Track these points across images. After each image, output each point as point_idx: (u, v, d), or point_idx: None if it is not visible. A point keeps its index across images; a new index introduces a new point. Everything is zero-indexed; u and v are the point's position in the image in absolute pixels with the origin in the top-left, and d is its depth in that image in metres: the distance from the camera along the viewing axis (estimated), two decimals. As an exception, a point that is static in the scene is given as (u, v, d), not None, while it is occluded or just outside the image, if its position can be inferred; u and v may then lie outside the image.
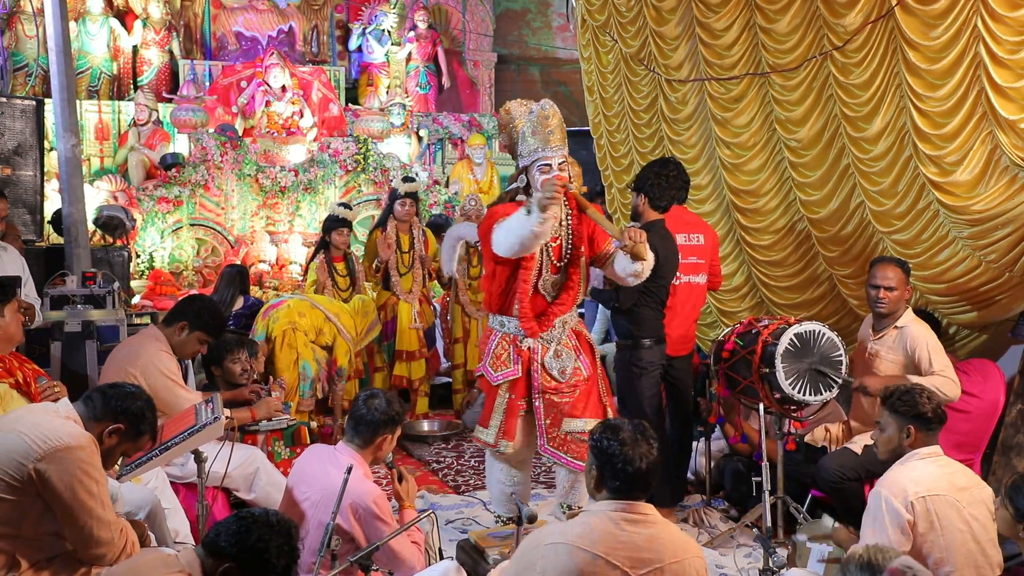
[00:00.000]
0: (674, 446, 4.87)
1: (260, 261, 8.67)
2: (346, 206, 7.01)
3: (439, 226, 7.51)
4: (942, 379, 4.12)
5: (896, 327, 4.35)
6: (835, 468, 4.23)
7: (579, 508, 3.81)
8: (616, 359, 4.75)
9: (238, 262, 7.93)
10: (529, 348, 4.03)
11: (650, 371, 4.57)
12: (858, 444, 4.34)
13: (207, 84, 9.74)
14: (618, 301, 4.59)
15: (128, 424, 2.79)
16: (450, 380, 7.26)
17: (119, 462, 3.01)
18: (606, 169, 7.16)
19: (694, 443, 5.38)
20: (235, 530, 2.36)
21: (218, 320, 4.43)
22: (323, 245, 6.68)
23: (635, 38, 6.33)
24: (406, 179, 7.11)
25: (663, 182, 4.65)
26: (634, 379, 4.58)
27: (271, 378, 5.28)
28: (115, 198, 8.36)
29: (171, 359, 4.19)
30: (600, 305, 6.16)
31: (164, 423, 3.34)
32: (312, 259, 6.75)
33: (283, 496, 3.48)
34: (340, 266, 6.66)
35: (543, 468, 5.78)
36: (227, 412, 3.54)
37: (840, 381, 4.15)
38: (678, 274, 4.73)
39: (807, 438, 4.57)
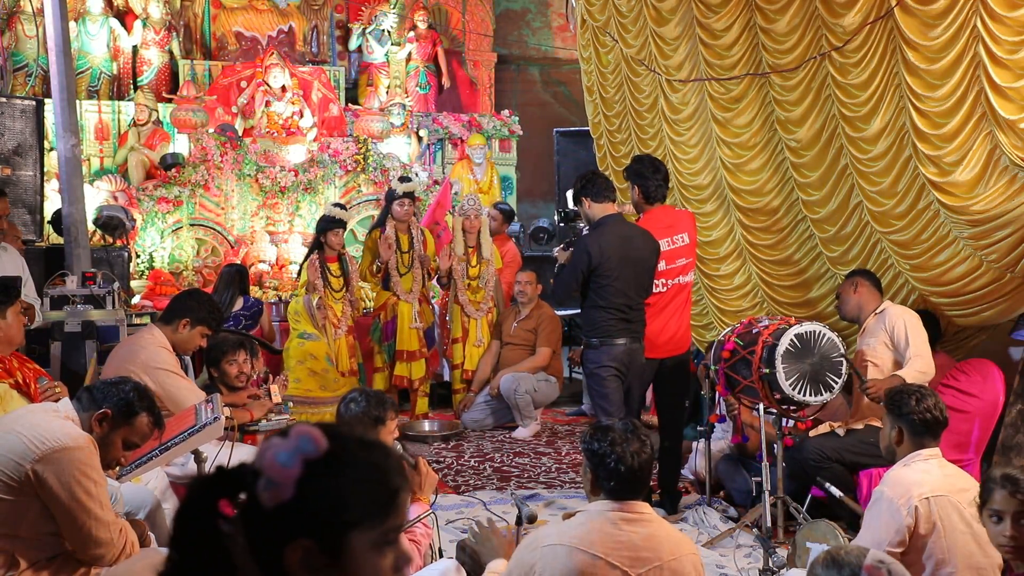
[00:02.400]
0: (664, 452, 4.87)
1: (260, 261, 8.67)
2: (340, 206, 7.01)
3: (507, 212, 7.85)
4: (917, 360, 4.27)
5: (875, 313, 4.54)
6: (815, 448, 4.36)
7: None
8: None
9: (238, 262, 7.93)
10: None
11: (596, 372, 4.55)
12: (842, 429, 4.44)
13: (207, 84, 9.74)
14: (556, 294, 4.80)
15: (115, 408, 2.74)
16: (449, 380, 7.28)
17: (123, 459, 2.98)
18: (606, 169, 7.16)
19: (694, 443, 5.39)
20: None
21: (217, 312, 4.44)
22: (317, 245, 6.68)
23: (636, 38, 6.33)
24: (402, 179, 7.11)
25: (600, 180, 4.67)
26: (586, 379, 4.63)
27: (271, 376, 5.28)
28: (115, 198, 8.35)
29: (171, 356, 4.18)
30: None
31: (165, 422, 3.33)
32: (306, 259, 6.76)
33: None
34: (334, 266, 6.66)
35: (543, 468, 5.78)
36: (227, 412, 3.54)
37: (840, 381, 4.16)
38: (665, 280, 4.72)
39: (810, 435, 4.58)
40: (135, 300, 7.53)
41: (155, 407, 2.87)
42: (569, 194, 5.03)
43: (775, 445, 4.32)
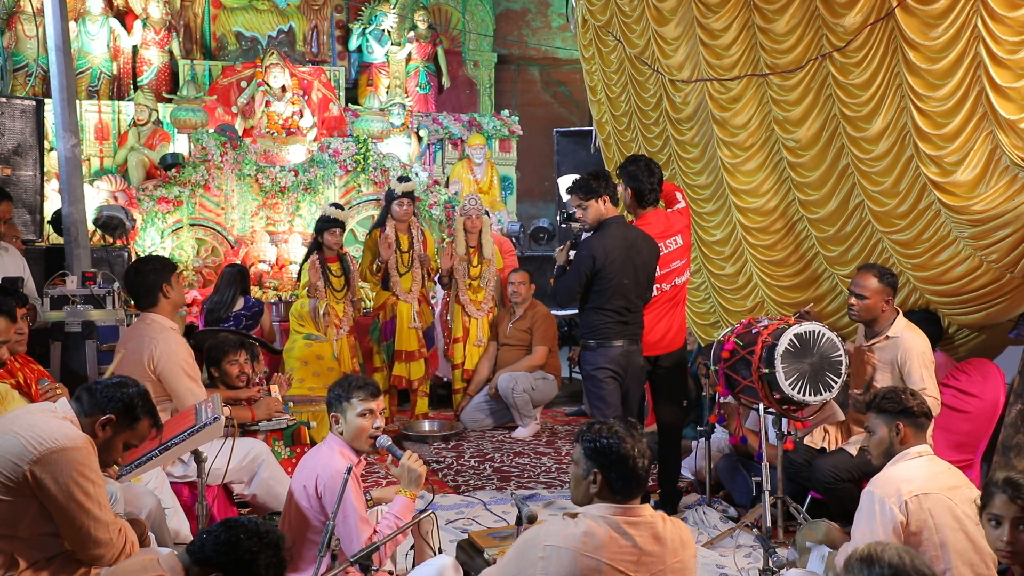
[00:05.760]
0: (661, 452, 4.86)
1: (260, 261, 8.68)
2: (337, 206, 7.02)
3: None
4: (931, 400, 4.12)
5: (888, 336, 4.30)
6: (829, 469, 4.25)
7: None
8: None
9: (238, 262, 7.93)
10: None
11: (593, 374, 4.55)
12: (854, 445, 4.34)
13: (207, 84, 9.74)
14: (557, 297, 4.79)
15: (118, 413, 2.74)
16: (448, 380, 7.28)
17: (121, 459, 2.98)
18: (614, 169, 7.15)
19: (693, 443, 5.38)
20: (224, 539, 2.33)
21: (162, 258, 4.50)
22: (316, 246, 6.69)
23: (639, 38, 6.32)
24: (401, 179, 7.12)
25: (612, 182, 4.64)
26: (583, 381, 4.64)
27: (272, 376, 5.28)
28: (115, 198, 8.35)
29: (187, 349, 4.07)
30: None
31: (164, 421, 3.32)
32: (305, 260, 6.76)
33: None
34: (335, 266, 6.66)
35: (543, 468, 5.78)
36: (227, 411, 3.53)
37: (840, 381, 4.15)
38: (660, 285, 4.70)
39: (806, 440, 4.57)
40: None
41: (155, 411, 2.87)
42: (564, 190, 4.97)
43: (776, 445, 4.31)
